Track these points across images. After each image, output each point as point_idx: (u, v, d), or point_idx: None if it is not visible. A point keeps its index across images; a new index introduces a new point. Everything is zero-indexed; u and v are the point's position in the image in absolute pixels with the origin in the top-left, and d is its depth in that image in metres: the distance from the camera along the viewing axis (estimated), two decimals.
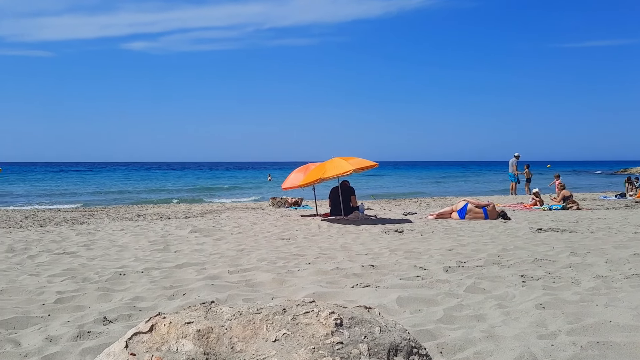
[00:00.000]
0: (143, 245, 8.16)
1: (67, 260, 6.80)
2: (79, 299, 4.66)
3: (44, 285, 5.24)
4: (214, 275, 5.58)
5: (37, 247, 8.05)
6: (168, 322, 2.62)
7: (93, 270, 6.00)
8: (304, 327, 2.59)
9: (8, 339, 3.53)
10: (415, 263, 6.19)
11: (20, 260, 6.80)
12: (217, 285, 5.00)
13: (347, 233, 9.56)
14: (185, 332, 2.56)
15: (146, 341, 2.57)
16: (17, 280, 5.49)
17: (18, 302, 4.55)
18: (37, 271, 6.01)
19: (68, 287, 5.12)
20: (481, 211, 11.80)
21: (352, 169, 11.61)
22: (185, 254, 7.18)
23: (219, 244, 8.16)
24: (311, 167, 13.77)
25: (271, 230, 10.04)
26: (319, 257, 6.70)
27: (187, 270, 5.96)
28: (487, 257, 6.57)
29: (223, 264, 6.30)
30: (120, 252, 7.42)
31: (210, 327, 2.60)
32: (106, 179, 52.41)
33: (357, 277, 5.45)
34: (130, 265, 6.28)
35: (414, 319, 3.91)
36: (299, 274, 5.63)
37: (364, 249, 7.51)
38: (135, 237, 9.12)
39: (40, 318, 4.04)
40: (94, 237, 9.21)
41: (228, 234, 9.51)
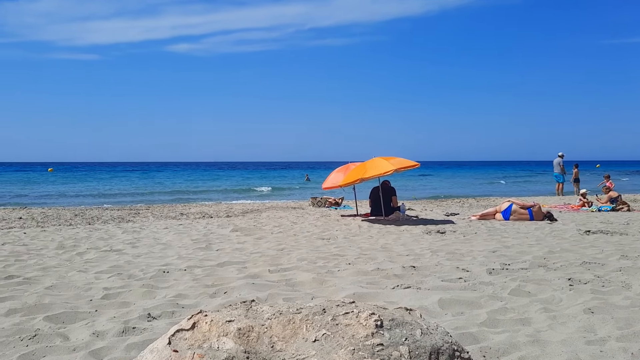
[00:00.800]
0: (186, 243, 8.31)
1: (114, 257, 6.99)
2: (125, 296, 4.77)
3: (91, 281, 5.40)
4: (255, 274, 5.63)
5: (86, 244, 8.31)
6: (209, 320, 2.64)
7: (138, 267, 6.14)
8: (343, 328, 2.57)
9: (57, 333, 3.65)
10: (458, 265, 6.08)
11: (70, 257, 7.04)
12: (257, 284, 5.04)
13: (387, 233, 9.49)
14: (226, 330, 2.59)
15: (188, 338, 2.60)
16: (66, 277, 5.67)
17: (67, 298, 4.70)
18: (85, 268, 6.19)
19: (114, 283, 5.26)
20: (526, 212, 11.51)
21: (393, 169, 11.51)
22: (226, 253, 7.27)
23: (259, 243, 8.23)
24: (351, 167, 13.74)
25: (311, 230, 10.06)
26: (359, 258, 6.67)
27: (228, 268, 6.03)
28: (533, 259, 6.40)
29: (263, 263, 6.35)
30: (164, 250, 7.58)
31: (251, 325, 2.62)
32: (156, 178, 53.69)
33: (397, 278, 5.40)
34: (173, 263, 6.41)
35: (456, 321, 3.84)
36: (339, 274, 5.62)
37: (405, 249, 7.43)
38: (178, 236, 9.30)
39: (88, 313, 4.16)
40: (139, 235, 9.44)
41: (268, 233, 9.58)
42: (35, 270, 6.04)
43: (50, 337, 3.57)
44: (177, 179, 52.39)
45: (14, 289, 5.05)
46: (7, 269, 6.18)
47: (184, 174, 66.13)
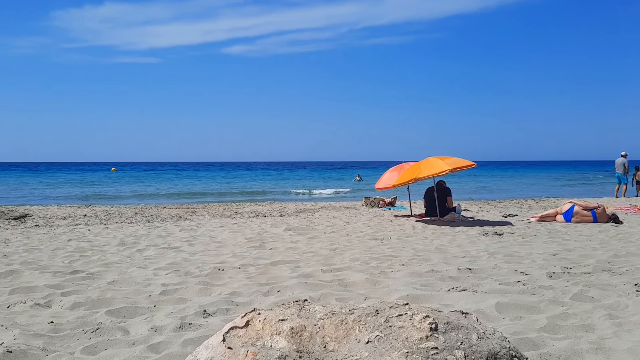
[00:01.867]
0: (240, 242, 8.45)
1: (172, 254, 7.19)
2: (182, 292, 4.90)
3: (150, 277, 5.57)
4: (308, 274, 5.65)
5: (145, 241, 8.59)
6: (263, 319, 2.67)
7: (194, 264, 6.29)
8: (397, 330, 2.54)
9: (118, 327, 3.78)
10: (516, 267, 5.90)
11: (130, 254, 7.29)
12: (310, 284, 5.05)
13: (442, 235, 9.33)
14: (279, 329, 2.60)
15: (242, 336, 2.63)
16: (127, 272, 5.87)
17: (127, 293, 4.86)
18: (145, 264, 6.40)
19: (172, 280, 5.40)
20: (589, 214, 11.04)
21: (449, 169, 11.30)
22: (280, 252, 7.34)
23: (312, 243, 8.27)
24: (405, 167, 13.58)
25: (364, 230, 10.01)
26: (413, 259, 6.58)
27: (281, 267, 6.08)
28: (596, 263, 6.12)
29: (316, 263, 6.36)
30: (219, 248, 7.73)
31: (303, 325, 2.62)
32: (211, 177, 54.98)
33: (453, 280, 5.28)
34: (228, 261, 6.52)
35: (514, 326, 3.72)
36: (392, 275, 5.56)
37: (461, 251, 7.28)
38: (233, 234, 9.47)
39: (147, 309, 4.29)
40: (195, 233, 9.68)
41: (321, 233, 9.61)
42: (98, 266, 6.28)
43: (112, 331, 3.70)
44: (235, 178, 53.39)
45: (79, 284, 5.28)
46: (73, 264, 6.46)
47: (242, 174, 67.32)
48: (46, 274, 5.75)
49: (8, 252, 7.48)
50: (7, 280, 5.52)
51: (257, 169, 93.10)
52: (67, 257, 6.97)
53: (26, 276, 5.68)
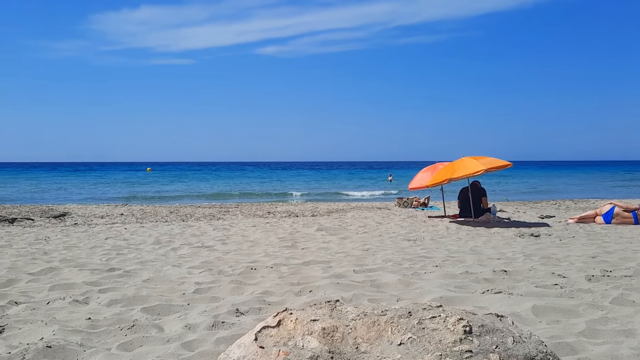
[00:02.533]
0: (273, 241, 8.49)
1: (205, 253, 7.28)
2: (215, 291, 4.95)
3: (184, 276, 5.64)
4: (340, 274, 5.63)
5: (179, 240, 8.72)
6: (294, 318, 2.67)
7: (227, 263, 6.35)
8: (430, 332, 2.50)
9: (153, 325, 3.84)
10: (554, 270, 5.75)
11: (165, 252, 7.41)
12: (342, 284, 5.04)
13: (477, 236, 9.18)
14: (311, 329, 2.59)
15: (274, 335, 2.64)
16: (161, 271, 5.97)
17: (162, 291, 4.94)
18: (179, 263, 6.49)
19: (205, 278, 5.47)
20: (630, 215, 10.70)
21: (484, 169, 11.11)
22: (312, 252, 7.34)
23: (344, 243, 8.25)
24: (439, 167, 13.43)
25: (397, 231, 9.94)
26: (446, 260, 6.49)
27: (313, 267, 6.08)
28: (637, 266, 5.92)
29: (348, 263, 6.34)
30: (252, 248, 7.79)
31: (335, 325, 2.61)
32: (244, 177, 55.52)
33: (487, 282, 5.19)
34: (260, 260, 6.56)
35: (551, 330, 3.63)
36: (425, 276, 5.50)
37: (496, 253, 7.15)
38: (265, 234, 9.52)
39: (181, 306, 4.35)
40: (228, 233, 9.77)
41: (353, 233, 9.58)
42: (134, 264, 6.41)
43: (147, 328, 3.76)
44: (268, 178, 53.77)
45: (115, 281, 5.39)
46: (110, 261, 6.61)
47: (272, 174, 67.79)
48: (84, 271, 5.90)
49: (48, 250, 7.70)
50: (47, 277, 5.68)
51: (291, 169, 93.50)
52: (104, 255, 7.14)
53: (65, 273, 5.84)
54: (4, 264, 6.41)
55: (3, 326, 3.80)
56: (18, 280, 5.48)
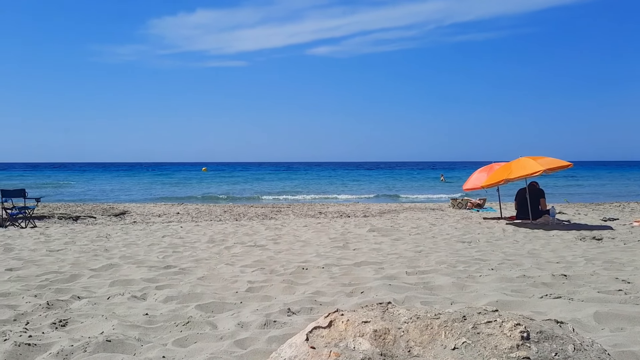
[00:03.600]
0: (324, 241, 8.50)
1: (257, 252, 7.36)
2: (267, 290, 4.99)
3: (237, 274, 5.73)
4: (392, 276, 5.57)
5: (233, 239, 8.87)
6: (346, 320, 2.65)
7: (279, 263, 6.40)
8: (485, 338, 2.43)
9: (207, 322, 3.91)
10: (617, 275, 5.48)
11: (219, 251, 7.55)
12: (394, 286, 4.98)
13: (535, 238, 8.88)
14: (362, 331, 2.57)
15: (325, 336, 2.63)
16: (215, 269, 6.08)
17: (216, 289, 5.03)
18: (232, 261, 6.60)
19: (257, 277, 5.53)
20: None
21: (542, 169, 10.74)
22: (363, 253, 7.30)
23: (396, 244, 8.16)
24: (495, 167, 13.10)
25: (451, 233, 9.75)
26: (503, 263, 6.30)
27: (365, 268, 6.04)
28: None
29: (400, 265, 6.27)
30: (303, 247, 7.82)
31: (387, 328, 2.57)
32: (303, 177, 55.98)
33: (546, 286, 5.00)
34: (312, 261, 6.58)
35: (614, 338, 3.45)
36: (480, 279, 5.36)
37: (555, 256, 6.89)
38: (317, 234, 9.55)
39: (234, 304, 4.41)
40: (280, 232, 9.86)
41: (406, 235, 9.46)
42: (190, 262, 6.56)
43: (201, 325, 3.84)
44: (319, 179, 53.98)
45: (171, 278, 5.53)
46: (166, 259, 6.79)
47: (322, 174, 68.00)
48: (142, 268, 6.08)
49: (109, 247, 8.00)
50: (108, 273, 5.89)
51: (348, 169, 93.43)
52: (161, 253, 7.34)
53: (124, 270, 6.04)
54: (68, 260, 6.70)
55: (66, 319, 3.96)
56: (81, 275, 5.71)
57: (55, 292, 4.90)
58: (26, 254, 7.32)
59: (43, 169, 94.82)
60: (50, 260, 6.70)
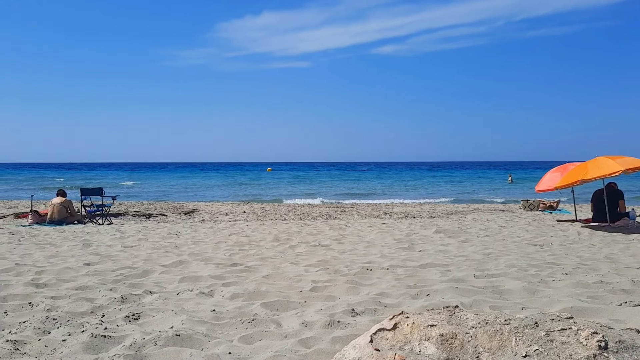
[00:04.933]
0: (389, 242, 8.41)
1: (321, 252, 7.38)
2: (331, 290, 4.99)
3: (301, 273, 5.76)
4: (459, 278, 5.42)
5: (297, 238, 8.94)
6: (411, 323, 2.59)
7: (343, 263, 6.39)
8: (559, 346, 2.31)
9: (272, 320, 3.95)
10: None
11: (283, 250, 7.63)
12: (461, 289, 4.84)
13: (613, 242, 8.41)
14: (428, 335, 2.51)
15: (389, 338, 2.59)
16: (280, 267, 6.15)
17: (280, 287, 5.08)
18: (297, 260, 6.65)
19: (321, 277, 5.54)
20: None
21: (621, 170, 10.15)
22: (429, 254, 7.16)
23: (464, 246, 7.95)
24: (570, 167, 12.51)
25: (522, 235, 9.40)
26: (578, 268, 6.00)
27: (431, 270, 5.93)
28: None
29: (468, 267, 6.10)
30: (368, 248, 7.77)
31: (454, 332, 2.50)
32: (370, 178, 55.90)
33: (625, 293, 4.71)
34: (376, 261, 6.52)
35: None
36: (553, 284, 5.12)
37: (636, 261, 6.48)
38: (381, 234, 9.47)
39: (298, 303, 4.44)
40: (344, 232, 9.85)
41: (474, 237, 9.21)
42: (255, 260, 6.67)
43: (266, 323, 3.88)
44: (387, 179, 53.64)
45: (238, 276, 5.64)
46: (233, 257, 6.94)
47: (392, 174, 67.47)
48: (210, 265, 6.24)
49: (179, 244, 8.28)
50: (178, 269, 6.09)
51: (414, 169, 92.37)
52: (228, 250, 7.51)
53: (193, 266, 6.22)
54: (140, 256, 6.98)
55: (139, 313, 4.12)
56: (152, 271, 5.93)
57: (129, 287, 5.11)
58: (103, 250, 7.69)
59: (120, 168, 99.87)
60: (124, 256, 7.01)
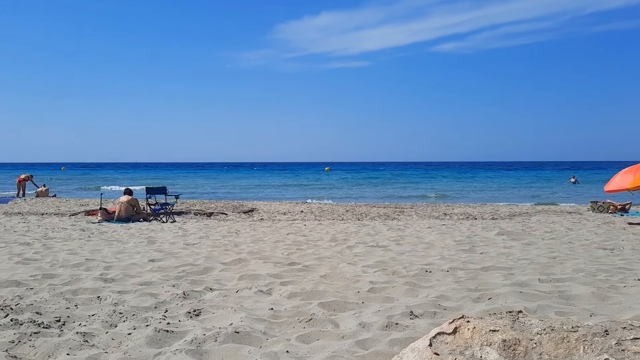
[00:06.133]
0: (449, 244, 8.24)
1: (379, 253, 7.32)
2: (389, 291, 4.93)
3: (359, 274, 5.73)
4: (522, 282, 5.24)
5: (355, 238, 8.91)
6: (472, 327, 2.52)
7: (401, 264, 6.30)
8: (631, 356, 2.18)
9: (329, 320, 3.95)
10: None
11: (341, 250, 7.62)
12: (525, 293, 4.67)
13: None
14: (490, 340, 2.43)
15: (449, 342, 2.53)
16: (337, 267, 6.14)
17: (338, 288, 5.07)
18: (354, 261, 6.62)
19: (379, 278, 5.48)
20: None
21: None
22: (491, 257, 6.96)
23: (528, 249, 7.68)
24: None
25: (590, 238, 8.98)
26: None
27: (493, 273, 5.75)
28: None
29: (532, 271, 5.88)
30: (427, 250, 7.64)
31: (517, 338, 2.41)
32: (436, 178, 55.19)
33: None
34: (435, 263, 6.40)
35: None
36: (625, 290, 4.86)
37: None
38: (441, 236, 9.29)
39: (355, 304, 4.41)
40: (403, 233, 9.73)
41: (539, 239, 8.88)
42: (312, 260, 6.69)
43: (323, 323, 3.88)
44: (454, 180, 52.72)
45: (295, 275, 5.68)
46: (291, 256, 6.99)
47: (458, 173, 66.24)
48: (268, 264, 6.32)
49: (238, 242, 8.43)
50: (237, 267, 6.20)
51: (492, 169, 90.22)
52: (285, 249, 7.58)
53: (252, 265, 6.32)
54: (202, 254, 7.16)
55: (200, 310, 4.22)
56: (213, 268, 6.06)
57: (191, 283, 5.24)
58: (166, 247, 7.94)
59: (187, 168, 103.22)
60: (186, 253, 7.20)
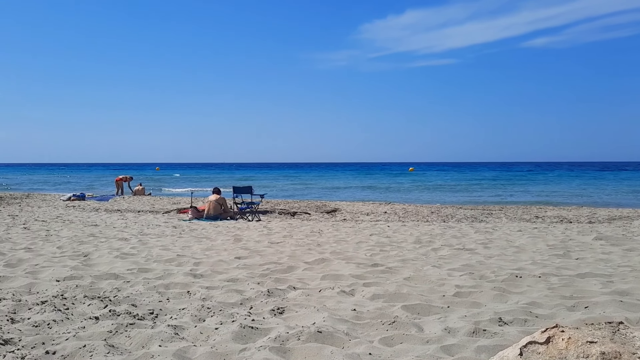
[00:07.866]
0: (541, 248, 7.84)
1: (466, 256, 7.09)
2: (476, 296, 4.76)
3: (444, 277, 5.57)
4: (623, 291, 4.87)
5: (440, 241, 8.70)
6: (567, 337, 2.37)
7: (489, 268, 6.07)
8: None
9: (413, 323, 3.87)
10: None
11: (425, 252, 7.46)
12: (626, 303, 4.34)
13: None
14: (587, 352, 2.27)
15: (541, 353, 2.39)
16: (421, 270, 6.01)
17: (422, 290, 4.96)
18: (439, 263, 6.45)
19: (466, 282, 5.31)
20: None
21: None
22: (588, 263, 6.54)
23: (629, 255, 7.14)
24: None
25: None
26: None
27: (590, 280, 5.40)
28: None
29: (634, 279, 5.45)
30: (517, 254, 7.31)
31: (618, 352, 2.23)
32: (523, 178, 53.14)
33: None
34: (526, 268, 6.10)
35: None
36: None
37: None
38: (532, 240, 8.86)
39: (440, 308, 4.30)
40: (491, 236, 9.38)
41: None
42: (396, 261, 6.60)
43: (407, 326, 3.80)
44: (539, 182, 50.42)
45: (378, 276, 5.62)
46: (374, 257, 6.94)
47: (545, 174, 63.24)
48: (351, 265, 6.30)
49: (321, 242, 8.49)
50: (320, 267, 6.23)
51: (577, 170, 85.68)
52: (368, 250, 7.53)
53: (334, 265, 6.33)
54: (285, 252, 7.27)
55: (283, 308, 4.28)
56: (296, 267, 6.14)
57: (275, 281, 5.34)
58: (252, 245, 8.15)
59: (274, 169, 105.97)
60: (271, 252, 7.35)
